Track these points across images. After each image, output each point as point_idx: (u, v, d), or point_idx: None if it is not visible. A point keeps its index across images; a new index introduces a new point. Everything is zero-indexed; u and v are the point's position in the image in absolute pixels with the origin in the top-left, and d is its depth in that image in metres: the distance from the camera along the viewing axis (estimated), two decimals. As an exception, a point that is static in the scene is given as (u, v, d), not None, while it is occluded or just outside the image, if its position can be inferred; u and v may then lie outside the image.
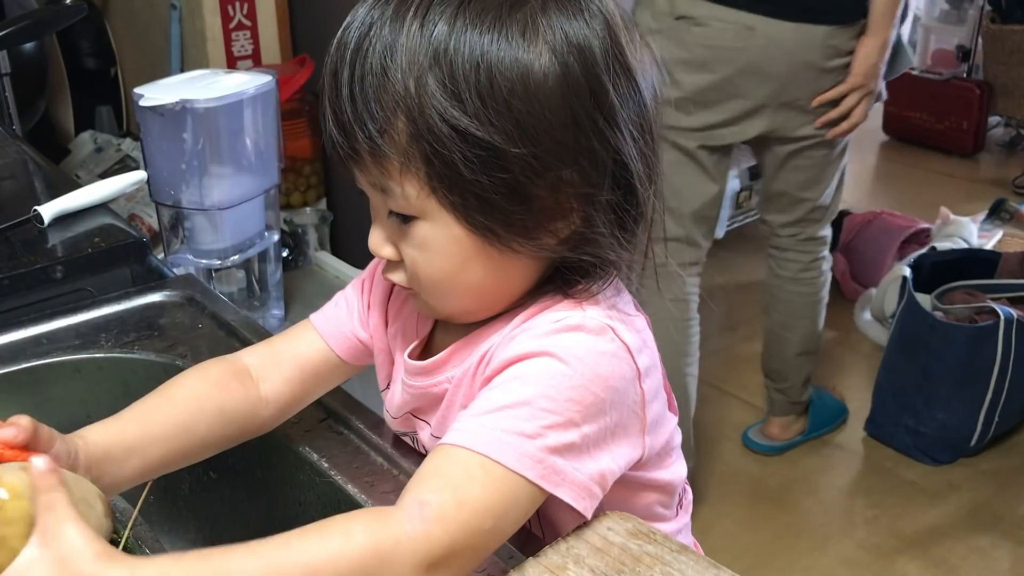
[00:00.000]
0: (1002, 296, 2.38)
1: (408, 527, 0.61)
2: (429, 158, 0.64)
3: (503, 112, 0.63)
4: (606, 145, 0.66)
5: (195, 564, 0.58)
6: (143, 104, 1.46)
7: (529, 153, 0.64)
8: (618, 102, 0.66)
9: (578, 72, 0.64)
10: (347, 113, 0.66)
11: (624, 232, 0.70)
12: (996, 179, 4.08)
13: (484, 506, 0.63)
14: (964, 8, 4.58)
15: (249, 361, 0.84)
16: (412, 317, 0.82)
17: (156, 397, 0.79)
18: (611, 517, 0.71)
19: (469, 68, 0.63)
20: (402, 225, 0.69)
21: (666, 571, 0.65)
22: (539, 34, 0.64)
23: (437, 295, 0.72)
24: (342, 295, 0.87)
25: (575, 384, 0.66)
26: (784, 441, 2.43)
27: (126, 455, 0.74)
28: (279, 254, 1.80)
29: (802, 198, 2.16)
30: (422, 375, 0.78)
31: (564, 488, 0.66)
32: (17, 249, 1.13)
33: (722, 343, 2.88)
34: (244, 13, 2.42)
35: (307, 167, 2.48)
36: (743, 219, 3.48)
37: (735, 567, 0.65)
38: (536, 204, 0.66)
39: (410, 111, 0.63)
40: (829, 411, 2.51)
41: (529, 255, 0.70)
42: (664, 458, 0.78)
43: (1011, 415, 2.35)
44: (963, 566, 2.03)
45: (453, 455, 0.65)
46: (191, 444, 0.79)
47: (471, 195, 0.65)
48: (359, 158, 0.67)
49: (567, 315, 0.69)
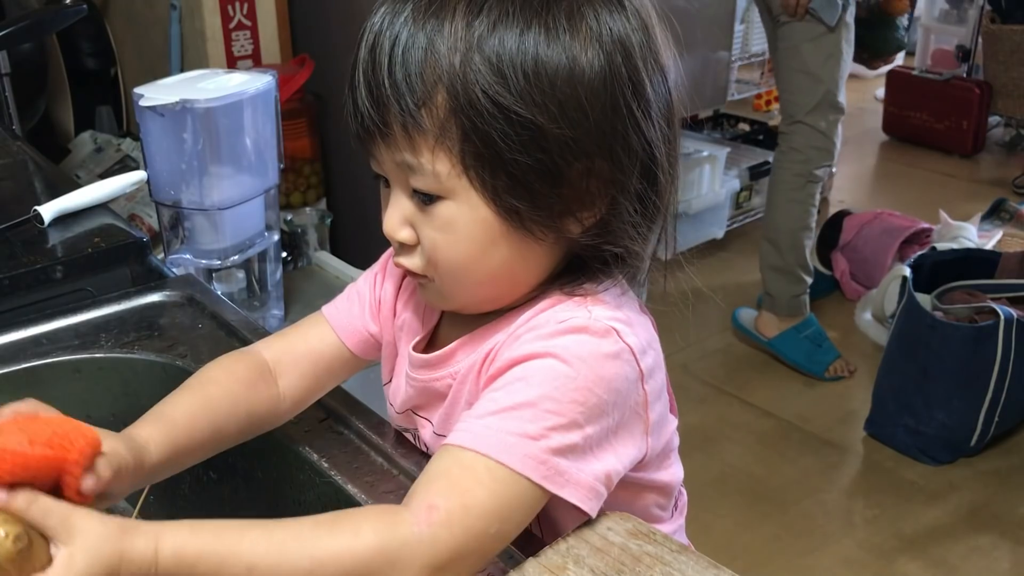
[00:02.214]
0: (1002, 296, 2.38)
1: (416, 530, 0.62)
2: (467, 134, 0.65)
3: (547, 92, 0.64)
4: (640, 135, 0.68)
5: (210, 540, 0.60)
6: (143, 104, 1.46)
7: (569, 135, 0.65)
8: (652, 95, 0.68)
9: (620, 63, 0.66)
10: (385, 86, 0.66)
11: (646, 221, 0.71)
12: (996, 179, 4.08)
13: (490, 510, 0.64)
14: (964, 8, 4.59)
15: (267, 356, 0.84)
16: (419, 310, 0.82)
17: (196, 396, 0.78)
18: (611, 517, 0.71)
19: (515, 51, 0.64)
20: (425, 206, 0.69)
21: (666, 571, 0.65)
22: (584, 26, 0.66)
23: (452, 281, 0.72)
24: (354, 288, 0.87)
25: (578, 386, 0.66)
26: (763, 337, 2.75)
27: (172, 463, 0.74)
28: (279, 254, 1.80)
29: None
30: (426, 368, 0.78)
31: (569, 489, 0.66)
32: (17, 249, 1.13)
33: (722, 343, 2.88)
34: (244, 13, 2.41)
35: (307, 167, 2.48)
36: (743, 219, 3.48)
37: (734, 567, 0.65)
38: (567, 189, 0.67)
39: (452, 85, 0.64)
40: (803, 354, 2.70)
41: (551, 243, 0.70)
42: (664, 459, 0.78)
43: (1011, 415, 2.34)
44: (963, 566, 2.03)
45: (460, 457, 0.65)
46: (220, 443, 0.79)
47: (503, 174, 0.66)
48: (389, 132, 0.67)
49: (572, 316, 0.69)
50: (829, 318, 2.89)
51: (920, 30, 4.95)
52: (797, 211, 2.64)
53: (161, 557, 0.59)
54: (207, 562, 0.60)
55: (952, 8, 4.72)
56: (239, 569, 0.60)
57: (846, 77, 2.57)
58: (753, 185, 3.46)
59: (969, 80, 4.27)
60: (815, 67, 2.50)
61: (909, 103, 4.37)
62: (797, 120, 2.58)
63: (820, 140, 2.56)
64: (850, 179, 4.17)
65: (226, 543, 0.60)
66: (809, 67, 2.51)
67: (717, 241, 3.40)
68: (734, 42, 3.43)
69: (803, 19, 2.46)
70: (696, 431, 2.45)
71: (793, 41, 2.52)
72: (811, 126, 2.56)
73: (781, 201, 2.67)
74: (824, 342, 2.72)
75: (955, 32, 4.63)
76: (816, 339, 2.71)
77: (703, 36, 3.22)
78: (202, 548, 0.60)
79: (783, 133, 2.66)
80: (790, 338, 2.72)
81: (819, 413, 2.56)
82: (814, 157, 2.58)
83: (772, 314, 2.74)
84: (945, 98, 4.27)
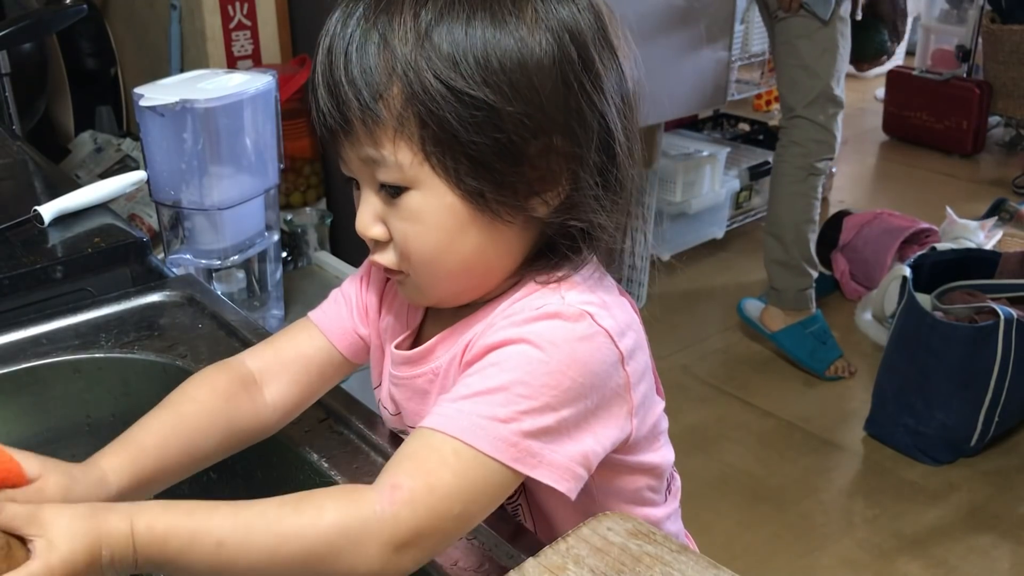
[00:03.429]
0: (1002, 296, 2.38)
1: (378, 508, 0.63)
2: (424, 120, 0.66)
3: (498, 73, 0.66)
4: (592, 108, 0.69)
5: (181, 517, 0.62)
6: (143, 104, 1.46)
7: (522, 112, 0.66)
8: (602, 70, 0.70)
9: (568, 41, 0.68)
10: (343, 83, 0.67)
11: (608, 193, 0.72)
12: (996, 179, 4.08)
13: (454, 491, 0.65)
14: (964, 8, 4.59)
15: (252, 365, 0.83)
16: (403, 310, 0.83)
17: (169, 415, 0.78)
18: (611, 517, 0.71)
19: (463, 37, 0.66)
20: (392, 199, 0.70)
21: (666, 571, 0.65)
22: (530, 9, 0.67)
23: (426, 273, 0.72)
24: (339, 292, 0.87)
25: (551, 370, 0.67)
26: (768, 330, 2.76)
27: (140, 489, 0.74)
28: (279, 254, 1.80)
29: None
30: (407, 365, 0.79)
31: (542, 469, 0.67)
32: (17, 249, 1.13)
33: (722, 343, 2.88)
34: (244, 13, 2.42)
35: (307, 167, 2.48)
36: (743, 219, 3.48)
37: (735, 567, 0.65)
38: (528, 168, 0.68)
39: (406, 75, 0.66)
40: (806, 350, 2.71)
41: (520, 226, 0.71)
42: (652, 441, 0.79)
43: (1011, 415, 2.34)
44: (963, 566, 2.03)
45: (429, 439, 0.66)
46: (197, 461, 0.79)
47: (464, 157, 0.67)
48: (350, 129, 0.68)
49: (545, 302, 0.70)
50: (829, 318, 2.89)
51: (920, 30, 4.96)
52: (800, 204, 2.66)
53: (136, 532, 0.60)
54: (178, 537, 0.61)
55: (952, 8, 4.73)
56: (209, 545, 0.62)
57: (844, 71, 2.60)
58: (753, 185, 3.46)
59: (969, 80, 4.27)
60: (811, 61, 2.54)
61: (909, 103, 4.37)
62: (796, 114, 2.61)
63: (820, 133, 2.59)
64: (850, 179, 4.17)
65: (197, 520, 0.62)
66: (805, 62, 2.54)
67: (717, 241, 3.40)
68: (734, 42, 3.42)
69: (798, 14, 2.50)
70: (696, 431, 2.45)
71: (789, 36, 2.55)
72: (810, 119, 2.59)
73: (784, 195, 2.69)
74: (828, 340, 2.73)
75: (955, 32, 4.64)
76: (821, 336, 2.72)
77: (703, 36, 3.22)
78: (174, 524, 0.62)
79: (783, 128, 2.68)
80: (795, 333, 2.72)
81: (819, 413, 2.56)
82: (815, 150, 2.61)
83: (778, 308, 2.76)
84: (945, 98, 4.27)
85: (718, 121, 3.90)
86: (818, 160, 2.62)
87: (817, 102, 2.57)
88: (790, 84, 2.62)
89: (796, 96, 2.60)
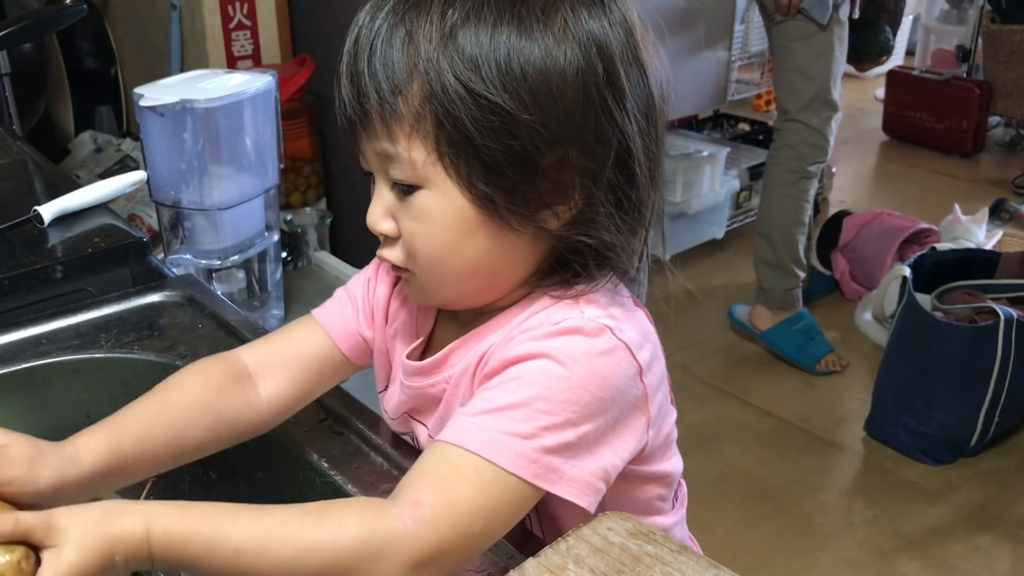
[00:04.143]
0: (1002, 296, 2.38)
1: (399, 525, 0.62)
2: (440, 120, 0.66)
3: (519, 80, 0.65)
4: (612, 124, 0.68)
5: (199, 522, 0.61)
6: (143, 104, 1.46)
7: (539, 121, 0.66)
8: (628, 87, 0.69)
9: (595, 55, 0.67)
10: (364, 75, 0.68)
11: (622, 213, 0.71)
12: (996, 179, 4.08)
13: (475, 509, 0.64)
14: (964, 8, 4.59)
15: (248, 360, 0.82)
16: (412, 316, 0.82)
17: (155, 401, 0.78)
18: (611, 517, 0.71)
19: (487, 41, 0.65)
20: (404, 196, 0.70)
21: (666, 571, 0.65)
22: (559, 19, 0.67)
23: (431, 273, 0.72)
24: (344, 291, 0.87)
25: (572, 385, 0.67)
26: (756, 329, 2.79)
27: (119, 470, 0.74)
28: (279, 254, 1.80)
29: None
30: (420, 375, 0.78)
31: (562, 485, 0.66)
32: (17, 249, 1.13)
33: (722, 343, 2.88)
34: (244, 13, 2.42)
35: (307, 167, 2.48)
36: (743, 219, 3.48)
37: (735, 567, 0.65)
38: (541, 178, 0.68)
39: (427, 73, 0.66)
40: (795, 346, 2.72)
41: (530, 237, 0.70)
42: (665, 451, 0.79)
43: (1011, 415, 2.34)
44: (963, 566, 2.03)
45: (448, 454, 0.66)
46: (184, 451, 0.78)
47: (477, 161, 0.66)
48: (368, 122, 0.69)
49: (565, 317, 0.70)
50: (829, 318, 2.89)
51: (920, 30, 4.96)
52: (790, 207, 2.68)
53: (153, 536, 0.60)
54: (195, 544, 0.60)
55: (952, 8, 4.73)
56: (226, 552, 0.61)
57: (840, 75, 2.60)
58: (753, 185, 3.45)
59: (969, 80, 4.27)
60: (807, 65, 2.54)
61: (909, 103, 4.37)
62: (791, 117, 2.62)
63: (813, 137, 2.60)
64: (850, 179, 4.17)
65: (215, 526, 0.61)
66: (801, 65, 2.55)
67: (717, 241, 3.40)
68: (734, 42, 3.43)
69: (795, 18, 2.50)
70: (696, 431, 2.45)
71: (786, 39, 2.56)
72: (804, 123, 2.59)
73: (775, 197, 2.70)
74: (816, 335, 2.74)
75: (955, 32, 4.64)
76: (808, 332, 2.74)
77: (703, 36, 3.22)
78: (191, 530, 0.61)
79: (777, 130, 2.69)
80: (783, 330, 2.74)
81: (819, 413, 2.56)
82: (808, 153, 2.62)
83: (765, 307, 2.78)
84: (945, 98, 4.27)
85: (718, 121, 3.90)
86: (810, 164, 2.63)
87: (812, 106, 2.57)
88: (786, 87, 2.62)
89: (791, 99, 2.61)
